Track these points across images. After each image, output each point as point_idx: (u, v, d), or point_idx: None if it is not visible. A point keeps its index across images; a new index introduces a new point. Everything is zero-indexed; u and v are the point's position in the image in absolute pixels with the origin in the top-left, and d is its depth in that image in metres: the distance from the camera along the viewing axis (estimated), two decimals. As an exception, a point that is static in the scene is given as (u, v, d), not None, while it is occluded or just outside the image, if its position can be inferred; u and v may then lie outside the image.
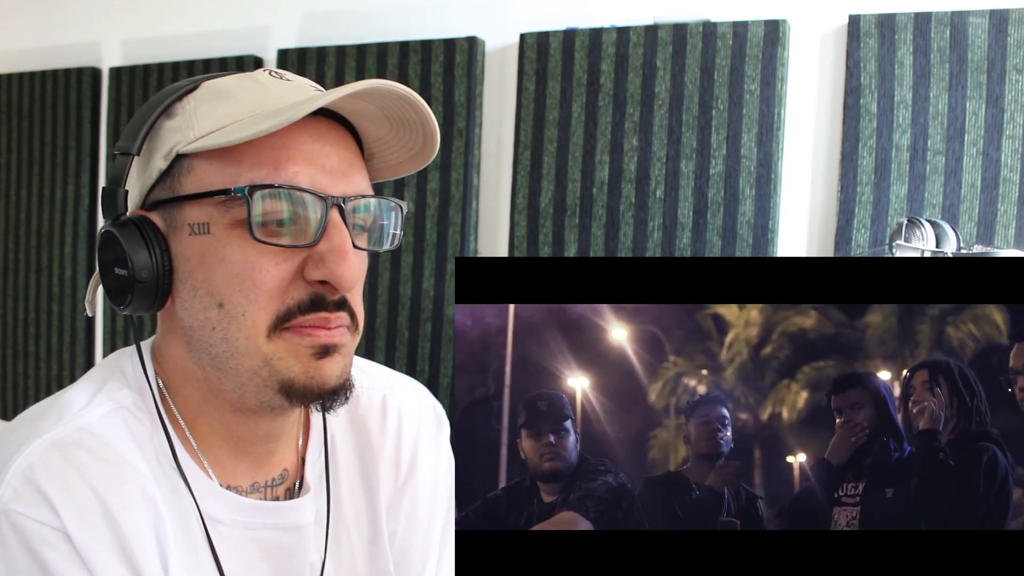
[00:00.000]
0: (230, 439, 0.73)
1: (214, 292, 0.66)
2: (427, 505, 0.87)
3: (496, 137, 2.16)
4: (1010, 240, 1.72)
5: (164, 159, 0.68)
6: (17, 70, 2.67)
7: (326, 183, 0.67)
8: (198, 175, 0.67)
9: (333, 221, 0.66)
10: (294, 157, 0.66)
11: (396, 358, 2.20)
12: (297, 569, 0.76)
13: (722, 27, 1.90)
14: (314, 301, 0.67)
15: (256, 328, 0.66)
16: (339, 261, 0.66)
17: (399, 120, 0.71)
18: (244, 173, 0.65)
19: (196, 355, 0.69)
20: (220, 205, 0.66)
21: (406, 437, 0.86)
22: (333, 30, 2.31)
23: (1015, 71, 1.71)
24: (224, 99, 0.68)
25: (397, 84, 0.67)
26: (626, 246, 2.00)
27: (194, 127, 0.67)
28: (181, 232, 0.67)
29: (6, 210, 2.69)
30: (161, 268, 0.67)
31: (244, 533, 0.72)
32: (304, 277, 0.67)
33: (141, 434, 0.69)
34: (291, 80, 0.72)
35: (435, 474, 0.88)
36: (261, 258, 0.66)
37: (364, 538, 0.82)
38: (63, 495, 0.63)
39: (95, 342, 2.60)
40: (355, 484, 0.83)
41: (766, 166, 1.88)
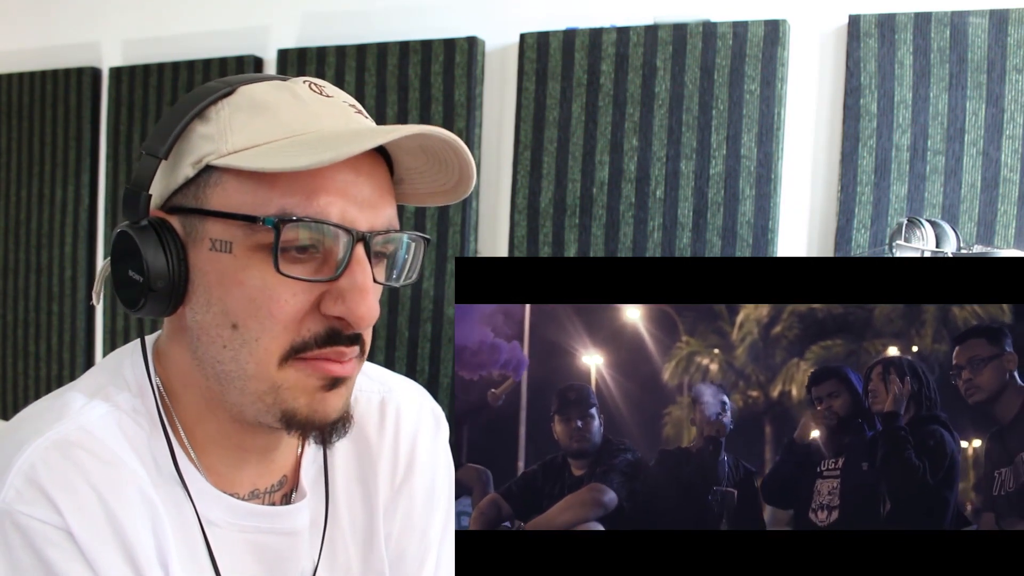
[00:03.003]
0: (229, 447, 0.73)
1: (229, 312, 0.65)
2: (424, 507, 0.86)
3: (496, 137, 2.16)
4: (1010, 240, 1.72)
5: (193, 167, 0.66)
6: (17, 70, 2.67)
7: (355, 216, 0.65)
8: (227, 191, 0.65)
9: (357, 258, 0.65)
10: (328, 188, 0.64)
11: (396, 358, 2.20)
12: (290, 572, 0.76)
13: (722, 27, 1.90)
14: (330, 335, 0.66)
15: (268, 356, 0.65)
16: (360, 301, 0.65)
17: (437, 157, 0.70)
18: (276, 199, 0.63)
19: (201, 364, 0.69)
20: (246, 228, 0.64)
21: (404, 438, 0.86)
22: (333, 30, 2.31)
23: (1015, 71, 1.71)
24: (261, 112, 0.66)
25: (444, 131, 0.65)
26: (626, 246, 2.00)
27: (228, 140, 0.65)
28: (201, 245, 0.66)
29: (6, 210, 2.69)
30: (178, 278, 0.66)
31: (239, 536, 0.72)
32: (321, 311, 0.66)
33: (138, 437, 0.69)
34: (331, 96, 0.70)
35: (432, 476, 0.87)
36: (280, 287, 0.64)
37: (359, 540, 0.82)
38: (65, 495, 0.63)
39: (95, 342, 2.60)
40: (352, 487, 0.82)
41: (766, 166, 1.88)
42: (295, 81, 0.70)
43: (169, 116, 0.67)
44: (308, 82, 0.70)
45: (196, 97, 0.67)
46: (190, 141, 0.66)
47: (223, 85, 0.68)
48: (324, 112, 0.68)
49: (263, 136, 0.65)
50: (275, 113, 0.66)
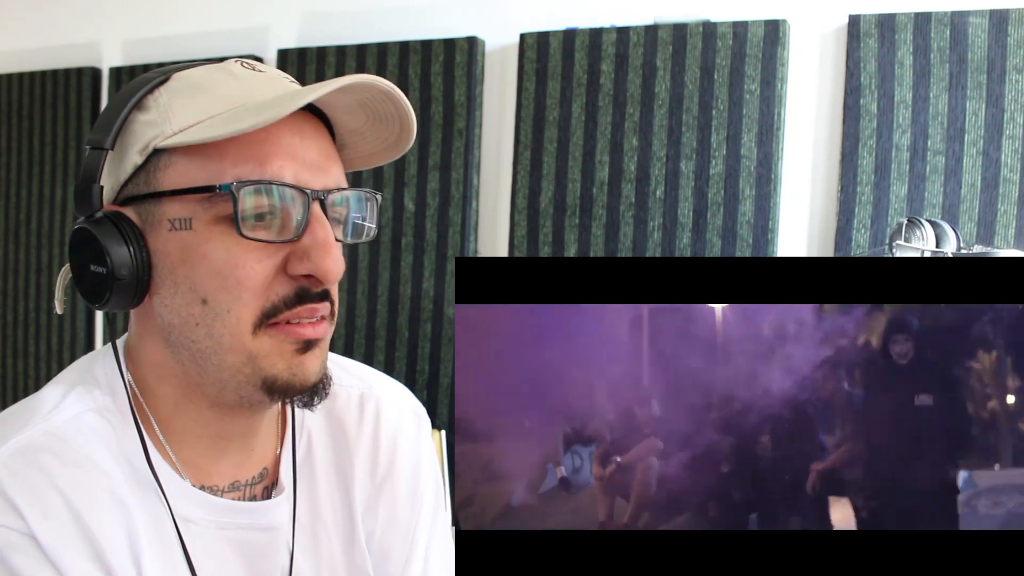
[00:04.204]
0: (207, 437, 0.73)
1: (197, 288, 0.66)
2: (407, 505, 0.86)
3: (496, 137, 2.16)
4: (1010, 240, 1.72)
5: (140, 154, 0.67)
6: (17, 70, 2.67)
7: (308, 177, 0.67)
8: (177, 170, 0.66)
9: (316, 215, 0.67)
10: (278, 152, 0.66)
11: (396, 358, 2.20)
12: (271, 568, 0.76)
13: (722, 27, 1.90)
14: (299, 295, 0.67)
15: (241, 324, 0.66)
16: (324, 255, 0.66)
17: (376, 112, 0.71)
18: (228, 169, 0.65)
19: (175, 351, 0.69)
20: (204, 201, 0.65)
21: (384, 435, 0.85)
22: (333, 30, 2.31)
23: (1015, 71, 1.71)
24: (200, 92, 0.67)
25: (378, 78, 0.67)
26: (626, 246, 2.00)
27: (170, 121, 0.66)
28: (160, 228, 0.67)
29: (6, 210, 2.69)
30: (141, 265, 0.67)
31: (217, 533, 0.72)
32: (288, 272, 0.67)
33: (110, 436, 0.69)
34: (264, 71, 0.72)
35: (415, 474, 0.87)
36: (245, 254, 0.65)
37: (342, 538, 0.82)
38: (29, 500, 0.63)
39: (95, 342, 2.60)
40: (332, 482, 0.82)
41: (766, 166, 1.88)
42: (228, 62, 0.71)
43: (109, 108, 0.68)
44: (240, 61, 0.71)
45: (133, 88, 0.68)
46: (132, 131, 0.67)
47: (158, 74, 0.69)
48: (261, 85, 0.69)
49: (204, 112, 0.66)
50: (212, 91, 0.67)
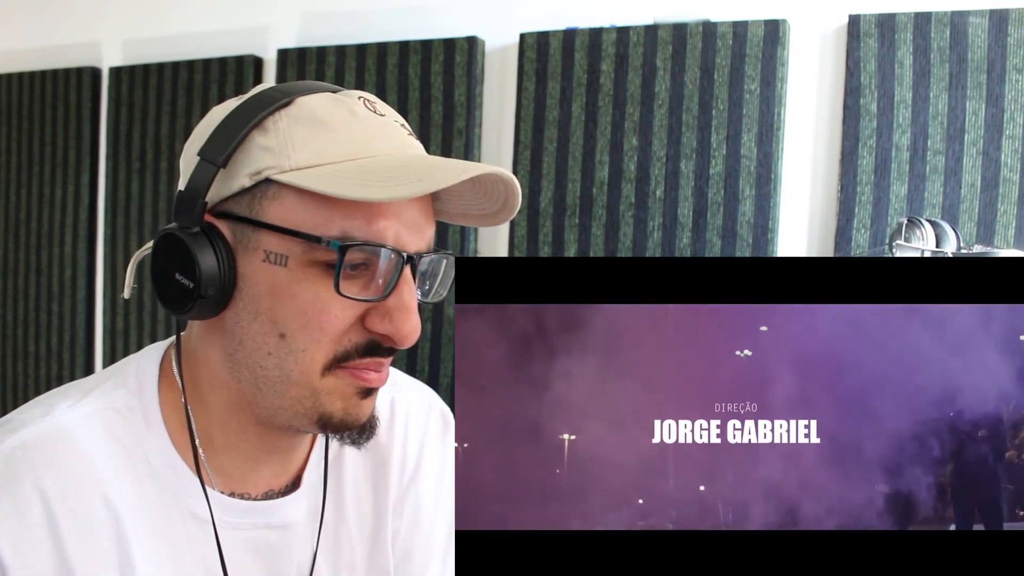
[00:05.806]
0: (246, 450, 0.74)
1: (278, 322, 0.66)
2: (431, 506, 0.87)
3: (496, 137, 2.16)
4: (1010, 240, 1.72)
5: (250, 178, 0.66)
6: (17, 70, 2.67)
7: (407, 239, 0.68)
8: (285, 206, 0.65)
9: (405, 278, 0.68)
10: (385, 212, 0.66)
11: (396, 358, 2.20)
12: (288, 566, 0.76)
13: (722, 27, 1.90)
14: (370, 347, 0.69)
15: (313, 364, 0.67)
16: (405, 320, 0.68)
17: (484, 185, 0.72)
18: (337, 220, 0.65)
19: (236, 368, 0.69)
20: (304, 243, 0.65)
21: (412, 437, 0.87)
22: (333, 30, 2.31)
23: (1015, 71, 1.71)
24: (321, 129, 0.66)
25: (504, 171, 0.68)
26: (626, 246, 2.00)
27: (290, 156, 0.65)
28: (253, 255, 0.67)
29: (6, 210, 2.69)
30: (228, 286, 0.67)
31: (234, 534, 0.73)
32: (366, 326, 0.68)
33: (126, 435, 0.70)
34: (384, 115, 0.71)
35: (440, 476, 0.88)
36: (332, 301, 0.66)
37: (366, 538, 0.82)
38: (4, 500, 0.64)
39: (95, 342, 2.60)
40: (361, 484, 0.83)
41: (766, 166, 1.88)
42: (349, 95, 0.70)
43: (226, 124, 0.67)
44: (362, 98, 0.70)
45: (254, 106, 0.67)
46: (248, 151, 0.66)
47: (280, 95, 0.68)
48: (380, 132, 0.69)
49: (325, 156, 0.66)
50: (335, 131, 0.67)
